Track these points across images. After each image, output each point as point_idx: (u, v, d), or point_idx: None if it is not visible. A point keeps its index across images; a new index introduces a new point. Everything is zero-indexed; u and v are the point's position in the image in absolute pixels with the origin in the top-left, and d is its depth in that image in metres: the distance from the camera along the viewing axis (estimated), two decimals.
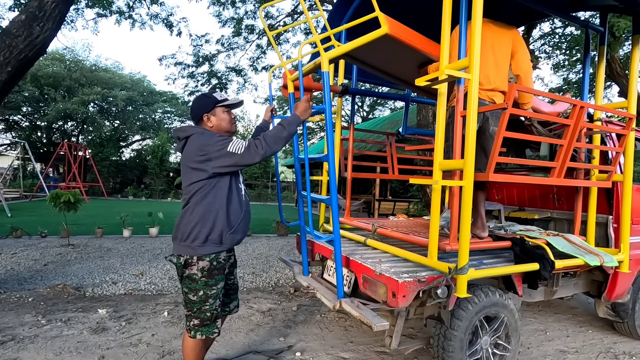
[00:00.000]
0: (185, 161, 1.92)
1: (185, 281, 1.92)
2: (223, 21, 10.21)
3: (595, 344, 3.13)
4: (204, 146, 1.86)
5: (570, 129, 2.30)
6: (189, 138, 1.95)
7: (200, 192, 1.88)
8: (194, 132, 1.95)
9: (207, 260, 1.88)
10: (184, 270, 1.90)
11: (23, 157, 15.95)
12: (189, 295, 1.91)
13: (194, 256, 1.87)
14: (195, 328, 1.93)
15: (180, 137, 1.98)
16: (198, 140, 1.91)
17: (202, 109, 2.03)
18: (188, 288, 1.91)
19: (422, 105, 6.65)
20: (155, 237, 7.45)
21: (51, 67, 19.57)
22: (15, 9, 6.65)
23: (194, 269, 1.88)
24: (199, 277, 1.88)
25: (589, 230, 2.71)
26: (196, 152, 1.87)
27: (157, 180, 20.41)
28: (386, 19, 1.99)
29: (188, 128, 2.00)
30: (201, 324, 1.93)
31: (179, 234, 1.91)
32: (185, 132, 1.97)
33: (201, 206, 1.88)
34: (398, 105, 20.36)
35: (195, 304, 1.91)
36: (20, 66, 3.74)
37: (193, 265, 1.88)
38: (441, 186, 2.09)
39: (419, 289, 2.01)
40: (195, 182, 1.88)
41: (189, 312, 1.94)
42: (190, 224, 1.87)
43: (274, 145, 1.89)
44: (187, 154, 1.92)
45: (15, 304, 3.45)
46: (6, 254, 5.53)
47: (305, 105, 2.09)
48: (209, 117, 2.02)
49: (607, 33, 2.96)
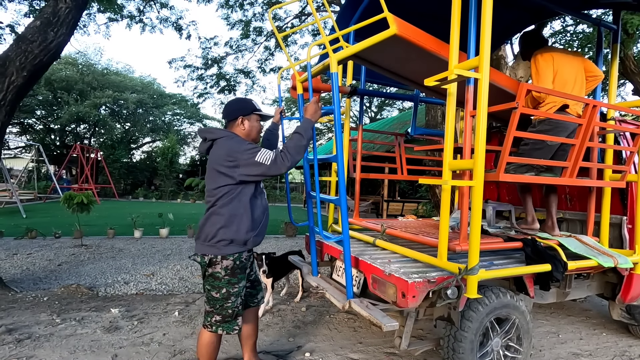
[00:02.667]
0: (213, 164, 1.96)
1: (208, 279, 1.99)
2: (231, 24, 10.30)
3: (610, 347, 3.07)
4: (233, 152, 1.91)
5: (583, 128, 2.27)
6: (217, 140, 2.00)
7: (226, 196, 1.94)
8: (223, 135, 2.00)
9: (230, 259, 1.96)
10: (207, 269, 1.97)
11: (37, 159, 16.30)
12: (212, 292, 1.98)
13: (218, 255, 1.94)
14: (217, 324, 2.00)
15: (207, 139, 2.03)
16: (227, 144, 1.95)
17: (240, 111, 2.08)
18: (211, 286, 1.98)
19: (431, 106, 6.62)
20: (166, 237, 7.54)
21: (64, 71, 19.96)
22: (30, 15, 6.81)
23: (218, 267, 1.95)
24: (222, 275, 1.95)
25: (602, 231, 2.67)
26: (225, 156, 1.91)
27: (167, 182, 20.63)
28: (395, 19, 1.99)
29: (216, 130, 2.04)
30: (223, 320, 2.00)
31: (203, 235, 1.98)
32: (213, 134, 2.02)
33: (227, 210, 1.94)
34: (406, 105, 20.26)
35: (218, 301, 1.98)
36: (35, 71, 3.84)
37: (217, 264, 1.95)
38: (451, 186, 2.08)
39: (428, 289, 2.00)
40: (222, 186, 1.94)
41: (211, 309, 2.00)
42: (216, 226, 1.94)
43: (297, 155, 1.94)
44: (216, 157, 1.96)
45: (31, 303, 3.53)
46: (22, 254, 5.66)
47: (315, 107, 2.11)
48: (244, 120, 2.08)
49: (620, 30, 2.91)
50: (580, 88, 2.66)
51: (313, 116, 2.09)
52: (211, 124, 27.27)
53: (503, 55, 6.29)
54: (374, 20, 2.07)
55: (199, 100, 12.84)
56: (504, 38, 4.07)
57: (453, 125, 2.11)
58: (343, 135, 3.48)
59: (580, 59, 2.72)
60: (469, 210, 2.07)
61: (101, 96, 19.81)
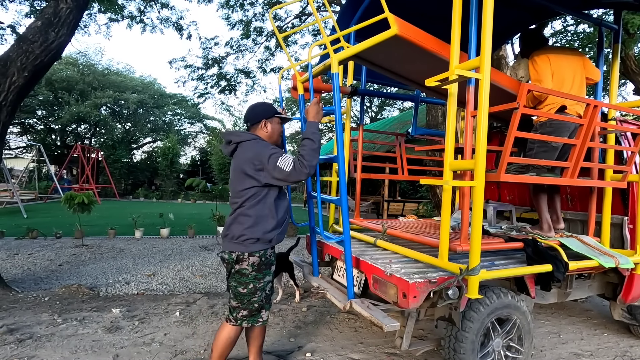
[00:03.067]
0: (239, 166, 2.02)
1: (235, 276, 2.06)
2: (232, 24, 10.30)
3: (611, 348, 3.07)
4: (259, 156, 1.97)
5: (584, 129, 2.27)
6: (242, 143, 2.06)
7: (253, 198, 2.02)
8: (248, 139, 2.07)
9: (257, 256, 2.04)
10: (234, 266, 2.04)
11: (38, 159, 16.32)
12: (239, 288, 2.05)
13: (245, 252, 2.02)
14: (242, 318, 2.08)
15: (232, 141, 2.08)
16: (253, 148, 2.02)
17: (264, 114, 2.15)
18: (238, 282, 2.05)
19: (432, 106, 6.61)
20: (166, 238, 7.55)
21: (65, 71, 19.99)
22: (31, 15, 6.81)
23: (245, 264, 2.03)
24: (249, 271, 2.04)
25: (603, 231, 2.67)
26: (252, 160, 1.98)
27: (167, 182, 20.66)
28: (396, 19, 1.99)
29: (241, 133, 2.10)
30: (249, 314, 2.09)
31: (230, 233, 2.05)
32: (238, 137, 2.08)
33: (254, 211, 2.02)
34: (407, 105, 20.24)
35: (245, 296, 2.06)
36: (36, 71, 3.84)
37: (244, 260, 2.03)
38: (452, 187, 2.08)
39: (429, 289, 2.00)
40: (249, 188, 2.01)
41: (238, 304, 2.07)
42: (244, 225, 2.02)
43: (313, 160, 1.98)
44: (242, 160, 2.02)
45: (32, 303, 3.53)
46: (23, 254, 5.67)
47: (317, 109, 2.14)
48: (267, 123, 2.14)
49: (621, 30, 2.90)
50: (580, 87, 2.66)
51: (316, 117, 2.12)
52: (212, 124, 27.32)
53: (504, 55, 6.28)
54: (375, 20, 2.07)
55: (200, 100, 12.86)
56: (505, 38, 4.07)
57: (454, 126, 2.12)
58: (344, 135, 3.48)
59: (579, 57, 2.72)
60: (469, 210, 2.07)
61: (102, 96, 19.84)
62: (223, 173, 21.28)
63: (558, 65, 2.61)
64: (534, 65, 2.66)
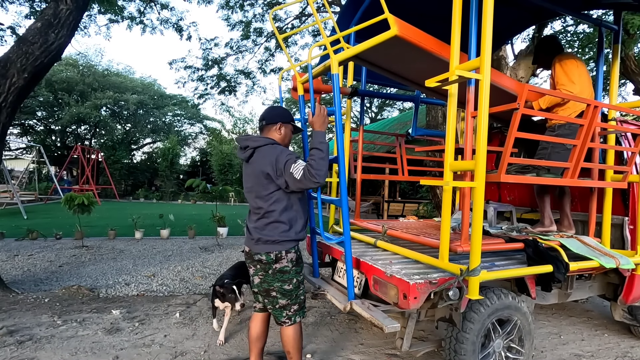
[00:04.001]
0: (261, 170, 2.04)
1: (276, 275, 2.10)
2: (232, 25, 10.30)
3: (612, 348, 3.06)
4: (278, 161, 2.00)
5: (584, 129, 2.27)
6: (260, 148, 2.09)
7: (280, 203, 2.07)
8: (266, 143, 2.10)
9: (293, 252, 2.15)
10: (273, 266, 2.09)
11: (38, 160, 16.31)
12: (284, 286, 2.11)
13: (282, 251, 2.09)
14: (296, 313, 2.16)
15: (249, 147, 2.11)
16: (273, 152, 2.05)
17: (281, 118, 2.20)
18: (281, 280, 2.11)
19: (432, 106, 6.61)
20: (167, 238, 7.54)
21: (65, 72, 19.98)
22: (31, 16, 6.82)
23: (284, 261, 2.10)
24: (290, 267, 2.12)
25: (604, 231, 2.66)
26: (273, 163, 2.01)
27: (167, 183, 20.64)
28: (396, 20, 1.99)
29: (257, 138, 2.13)
30: (299, 308, 2.18)
31: (263, 236, 2.09)
32: (255, 142, 2.11)
33: (287, 215, 2.09)
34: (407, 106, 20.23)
35: (292, 291, 2.14)
36: (36, 72, 3.84)
37: (283, 258, 2.10)
38: (452, 187, 2.08)
39: (430, 290, 1.99)
40: (274, 191, 2.06)
41: (287, 302, 2.13)
42: (279, 230, 2.08)
43: (322, 168, 1.98)
44: (263, 164, 2.04)
45: (32, 305, 3.53)
46: (23, 255, 5.67)
47: (322, 119, 2.14)
48: (282, 127, 2.19)
49: (621, 31, 2.91)
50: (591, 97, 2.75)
51: (322, 127, 2.14)
52: (212, 124, 27.31)
53: (504, 55, 6.28)
54: (375, 21, 2.07)
55: (200, 101, 12.88)
56: (505, 38, 4.07)
57: (454, 126, 2.11)
58: (344, 136, 3.48)
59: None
60: (470, 211, 2.06)
61: (102, 97, 19.83)
62: (223, 174, 21.26)
63: (584, 72, 2.73)
64: (563, 67, 2.73)
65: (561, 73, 2.73)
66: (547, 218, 2.84)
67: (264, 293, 2.19)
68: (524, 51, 6.19)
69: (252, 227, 2.15)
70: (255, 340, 2.29)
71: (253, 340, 2.29)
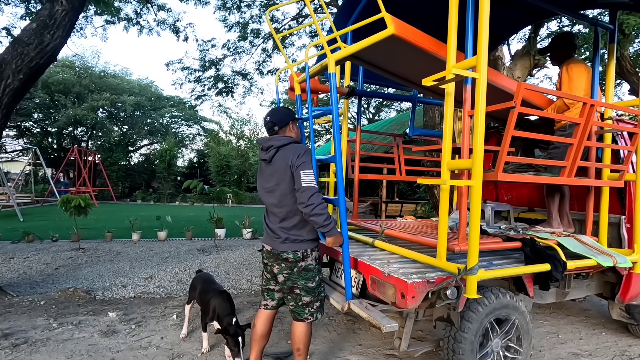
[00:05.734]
0: (287, 166, 2.07)
1: (301, 273, 2.16)
2: (229, 26, 10.29)
3: (610, 347, 3.07)
4: (299, 158, 2.05)
5: (581, 128, 2.27)
6: (285, 147, 2.12)
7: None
8: (291, 142, 2.16)
9: (316, 251, 2.23)
10: (299, 264, 2.14)
11: (34, 162, 16.24)
12: (309, 283, 2.17)
13: (308, 249, 2.16)
14: (317, 310, 2.22)
15: (273, 146, 2.13)
16: (298, 149, 2.09)
17: (289, 117, 2.25)
18: (306, 278, 2.16)
19: (429, 106, 6.61)
20: (164, 240, 7.51)
21: (61, 74, 19.92)
22: (27, 17, 6.78)
23: (309, 259, 2.17)
24: (314, 265, 2.19)
25: (601, 230, 2.67)
26: (294, 158, 2.05)
27: (165, 184, 20.60)
28: (392, 19, 1.99)
29: (281, 138, 2.17)
30: (321, 304, 2.24)
31: (291, 237, 2.14)
32: (280, 141, 2.15)
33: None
34: (404, 106, 20.29)
35: (316, 288, 2.20)
36: (31, 73, 3.82)
37: (308, 256, 2.17)
38: (449, 187, 2.07)
39: (428, 289, 1.99)
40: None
41: (311, 299, 2.18)
42: (306, 229, 2.16)
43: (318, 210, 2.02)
44: (288, 160, 2.06)
45: (28, 308, 3.50)
46: (19, 258, 5.63)
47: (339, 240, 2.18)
48: (293, 125, 2.26)
49: (616, 31, 2.92)
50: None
51: (332, 243, 2.16)
52: (209, 126, 27.26)
53: (500, 55, 6.30)
54: (371, 20, 2.07)
55: (197, 102, 12.84)
56: (501, 39, 4.08)
57: (452, 124, 2.11)
58: (341, 136, 3.48)
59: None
60: (467, 210, 2.06)
61: (99, 99, 19.78)
62: (220, 175, 21.22)
63: (589, 79, 2.77)
64: (569, 72, 2.77)
65: (566, 78, 2.78)
66: (554, 220, 2.85)
67: (287, 291, 2.21)
68: (520, 51, 6.21)
69: (277, 227, 2.17)
70: (259, 338, 2.30)
71: (257, 338, 2.29)
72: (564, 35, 3.08)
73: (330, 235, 2.13)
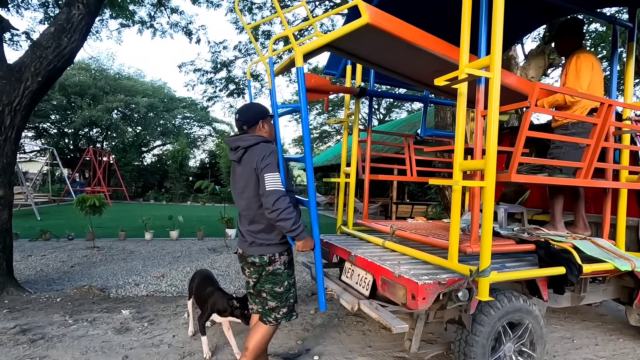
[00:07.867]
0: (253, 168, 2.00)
1: (268, 277, 2.11)
2: (240, 28, 10.38)
3: (627, 354, 2.98)
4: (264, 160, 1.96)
5: (598, 128, 2.22)
6: (253, 147, 2.04)
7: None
8: (260, 141, 2.06)
9: (286, 254, 2.16)
10: (266, 268, 2.09)
11: (51, 162, 16.63)
12: (275, 288, 2.12)
13: (276, 253, 2.10)
14: (284, 316, 2.15)
15: (240, 147, 2.07)
16: (265, 150, 2.00)
17: (260, 115, 2.16)
18: (273, 283, 2.12)
19: (440, 107, 6.54)
20: (176, 240, 7.61)
21: (77, 76, 20.41)
22: (45, 22, 6.97)
23: (277, 264, 2.11)
24: (282, 270, 2.12)
25: (618, 233, 2.60)
26: (259, 160, 1.97)
27: (177, 184, 20.85)
28: (367, 7, 1.93)
29: (248, 137, 2.09)
30: (288, 311, 2.17)
31: (258, 239, 2.09)
32: (247, 141, 2.07)
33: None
34: (415, 107, 20.14)
35: (283, 294, 2.14)
36: (49, 76, 3.92)
37: (276, 261, 2.11)
38: (461, 188, 2.05)
39: (439, 291, 1.97)
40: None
41: (277, 304, 2.13)
42: (274, 232, 2.09)
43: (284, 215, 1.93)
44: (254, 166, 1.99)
45: (45, 304, 3.58)
46: (36, 255, 5.77)
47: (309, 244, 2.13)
48: (264, 124, 2.16)
49: (636, 29, 2.84)
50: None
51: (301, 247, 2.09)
52: (220, 127, 27.53)
53: (514, 55, 6.20)
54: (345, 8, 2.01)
55: (209, 103, 13.02)
56: (515, 38, 4.02)
57: (464, 125, 2.09)
58: (352, 137, 3.47)
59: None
60: (480, 211, 2.03)
61: (113, 100, 20.19)
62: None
63: (597, 72, 2.65)
64: (577, 64, 2.62)
65: (572, 70, 2.65)
66: (558, 221, 2.79)
67: (255, 294, 2.21)
68: (534, 51, 6.10)
69: (245, 230, 2.14)
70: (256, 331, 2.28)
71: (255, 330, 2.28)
72: (572, 20, 2.88)
73: (299, 239, 2.06)
